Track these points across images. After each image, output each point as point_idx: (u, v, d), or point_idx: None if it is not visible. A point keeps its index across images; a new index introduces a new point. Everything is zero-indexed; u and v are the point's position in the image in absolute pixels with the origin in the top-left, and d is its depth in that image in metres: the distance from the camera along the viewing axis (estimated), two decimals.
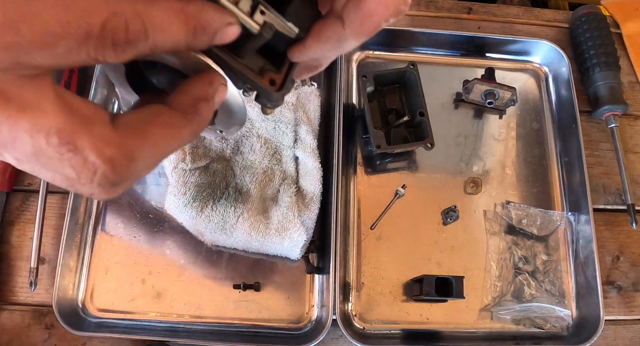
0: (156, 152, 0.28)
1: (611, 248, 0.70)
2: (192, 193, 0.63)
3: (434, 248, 0.68)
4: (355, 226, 0.68)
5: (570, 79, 0.75)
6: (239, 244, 0.64)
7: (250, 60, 0.33)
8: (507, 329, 0.65)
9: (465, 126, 0.75)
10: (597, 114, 0.75)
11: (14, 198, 0.67)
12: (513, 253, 0.68)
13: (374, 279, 0.66)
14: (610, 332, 0.66)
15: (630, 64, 0.81)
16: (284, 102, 0.45)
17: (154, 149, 0.28)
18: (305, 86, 0.71)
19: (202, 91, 0.30)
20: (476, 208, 0.70)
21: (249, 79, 0.33)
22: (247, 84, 0.34)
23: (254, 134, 0.67)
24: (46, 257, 0.64)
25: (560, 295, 0.67)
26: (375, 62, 0.78)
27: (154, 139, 0.28)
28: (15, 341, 0.61)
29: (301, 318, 0.64)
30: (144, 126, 0.28)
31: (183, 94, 0.30)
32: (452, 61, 0.80)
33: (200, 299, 0.63)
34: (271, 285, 0.64)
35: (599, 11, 0.80)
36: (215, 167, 0.65)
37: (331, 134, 0.69)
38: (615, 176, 0.73)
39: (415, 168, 0.72)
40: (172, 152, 0.30)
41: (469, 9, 0.83)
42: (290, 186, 0.65)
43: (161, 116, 0.29)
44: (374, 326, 0.64)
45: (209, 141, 0.66)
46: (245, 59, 0.33)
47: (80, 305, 0.63)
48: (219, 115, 0.37)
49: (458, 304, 0.65)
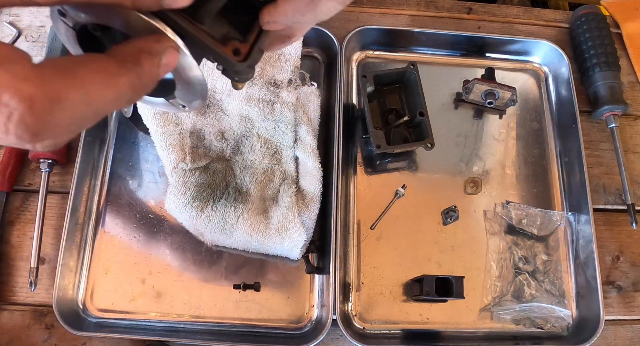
0: (87, 100, 0.25)
1: (611, 248, 0.70)
2: (192, 193, 0.63)
3: (434, 248, 0.68)
4: (355, 226, 0.68)
5: (570, 79, 0.75)
6: (239, 244, 0.64)
7: (212, 26, 0.30)
8: (507, 329, 0.65)
9: (465, 126, 0.75)
10: (597, 114, 0.75)
11: (14, 198, 0.67)
12: (513, 253, 0.68)
13: (374, 279, 0.66)
14: (610, 332, 0.66)
15: (630, 64, 0.81)
16: (254, 75, 0.41)
17: (84, 94, 0.24)
18: (305, 86, 0.71)
19: (146, 45, 0.28)
20: (476, 208, 0.70)
21: (208, 47, 0.30)
22: (208, 54, 0.32)
23: (254, 134, 0.67)
24: (46, 257, 0.64)
25: (560, 295, 0.66)
26: (375, 62, 0.78)
27: (84, 81, 0.24)
28: (15, 341, 0.61)
29: (301, 318, 0.64)
30: (73, 67, 0.25)
31: (125, 45, 0.28)
32: (452, 61, 0.80)
33: (200, 299, 0.63)
34: (271, 285, 0.64)
35: (599, 11, 0.80)
36: (215, 167, 0.65)
37: (331, 134, 0.69)
38: (615, 176, 0.73)
39: (415, 168, 0.72)
40: (110, 105, 0.27)
41: (469, 9, 0.83)
42: (290, 186, 0.65)
43: (95, 61, 0.26)
44: (374, 326, 0.64)
45: (209, 141, 0.66)
46: (206, 25, 0.30)
47: (80, 305, 0.63)
48: (179, 88, 0.35)
49: (458, 304, 0.65)
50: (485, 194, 0.71)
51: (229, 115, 0.67)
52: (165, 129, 0.65)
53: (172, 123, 0.65)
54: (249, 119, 0.67)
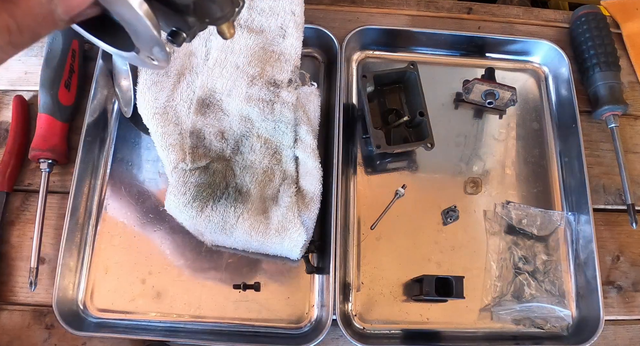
0: None
1: (611, 248, 0.70)
2: (192, 193, 0.63)
3: (434, 248, 0.68)
4: (355, 226, 0.68)
5: (570, 79, 0.75)
6: (239, 244, 0.64)
7: None
8: (507, 329, 0.65)
9: (465, 126, 0.75)
10: (597, 114, 0.75)
11: (14, 198, 0.67)
12: (513, 253, 0.68)
13: (374, 279, 0.66)
14: (610, 332, 0.66)
15: (630, 64, 0.81)
16: (238, 15, 0.37)
17: None
18: (305, 86, 0.71)
19: None
20: (476, 208, 0.70)
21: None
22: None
23: (254, 134, 0.67)
24: (46, 257, 0.64)
25: (560, 295, 0.66)
26: (375, 62, 0.78)
27: None
28: (15, 341, 0.61)
29: (301, 318, 0.64)
30: None
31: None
32: (452, 61, 0.80)
33: (200, 299, 0.63)
34: (271, 285, 0.64)
35: (599, 11, 0.80)
36: (215, 167, 0.65)
37: (331, 134, 0.69)
38: (615, 176, 0.73)
39: (415, 168, 0.72)
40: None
41: (469, 9, 0.83)
42: (290, 186, 0.65)
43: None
44: (374, 326, 0.64)
45: (209, 141, 0.66)
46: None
47: (80, 305, 0.63)
48: (129, 34, 0.34)
49: (458, 304, 0.65)
50: (485, 194, 0.71)
51: (228, 115, 0.67)
52: (165, 129, 0.65)
53: (172, 123, 0.65)
54: (249, 119, 0.67)
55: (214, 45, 0.69)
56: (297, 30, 0.71)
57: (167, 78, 0.67)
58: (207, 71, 0.68)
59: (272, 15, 0.71)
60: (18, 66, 0.74)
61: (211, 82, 0.67)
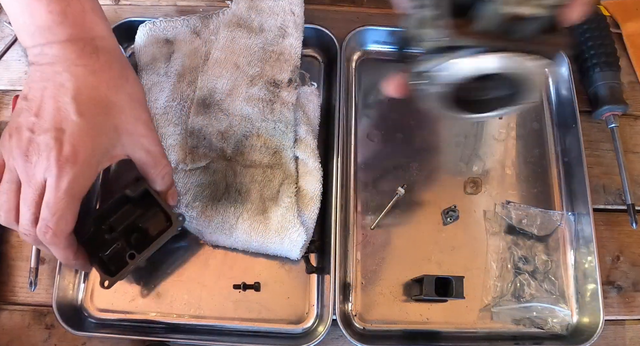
0: None
1: (611, 248, 0.70)
2: (192, 193, 0.63)
3: (434, 248, 0.68)
4: (355, 226, 0.68)
5: (570, 79, 0.75)
6: (239, 244, 0.64)
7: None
8: (507, 329, 0.65)
9: (465, 126, 0.75)
10: (597, 114, 0.75)
11: None
12: (513, 253, 0.68)
13: (374, 279, 0.66)
14: (610, 332, 0.66)
15: (630, 64, 0.81)
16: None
17: None
18: (305, 86, 0.71)
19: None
20: (476, 208, 0.70)
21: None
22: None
23: (254, 134, 0.67)
24: (46, 257, 0.64)
25: (560, 295, 0.66)
26: (375, 62, 0.78)
27: None
28: (15, 341, 0.61)
29: (301, 318, 0.64)
30: None
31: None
32: None
33: (200, 299, 0.63)
34: (271, 285, 0.64)
35: (599, 11, 0.80)
36: (215, 168, 0.65)
37: (331, 134, 0.69)
38: (615, 176, 0.73)
39: (416, 168, 0.72)
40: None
41: None
42: (290, 186, 0.65)
43: None
44: (374, 326, 0.64)
45: (208, 141, 0.66)
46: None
47: (80, 305, 0.63)
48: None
49: (458, 304, 0.65)
50: (485, 194, 0.71)
51: (228, 115, 0.67)
52: (165, 130, 0.65)
53: (172, 124, 0.65)
54: (249, 119, 0.67)
55: (214, 45, 0.69)
56: (297, 30, 0.71)
57: (167, 78, 0.68)
58: (207, 71, 0.68)
59: (272, 15, 0.71)
60: (18, 66, 0.74)
61: (211, 82, 0.67)
